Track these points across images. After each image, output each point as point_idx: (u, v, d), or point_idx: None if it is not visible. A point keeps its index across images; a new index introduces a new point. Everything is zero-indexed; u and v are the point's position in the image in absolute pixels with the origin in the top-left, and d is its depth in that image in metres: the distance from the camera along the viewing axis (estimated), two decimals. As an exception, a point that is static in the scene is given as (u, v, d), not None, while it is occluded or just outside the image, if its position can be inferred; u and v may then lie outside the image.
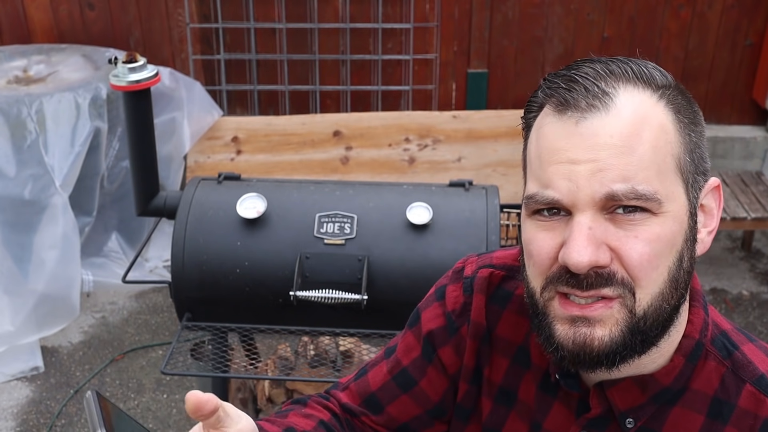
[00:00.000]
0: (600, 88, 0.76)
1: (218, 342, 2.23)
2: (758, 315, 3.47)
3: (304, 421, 1.01)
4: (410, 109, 4.15)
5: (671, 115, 0.78)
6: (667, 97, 0.79)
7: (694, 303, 0.85)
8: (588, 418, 0.87)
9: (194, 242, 2.16)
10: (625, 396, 0.84)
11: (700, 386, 0.83)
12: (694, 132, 0.81)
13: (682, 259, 0.79)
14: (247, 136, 3.87)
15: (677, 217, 0.77)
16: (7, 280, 3.19)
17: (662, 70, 0.81)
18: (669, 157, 0.77)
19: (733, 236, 4.06)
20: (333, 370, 2.39)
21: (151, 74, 2.13)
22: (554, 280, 0.78)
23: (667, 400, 0.83)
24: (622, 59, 0.81)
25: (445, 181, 2.38)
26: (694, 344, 0.83)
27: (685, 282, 0.80)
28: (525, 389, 0.95)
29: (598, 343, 0.77)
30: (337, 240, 2.13)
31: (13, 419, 2.93)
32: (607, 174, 0.74)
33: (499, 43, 4.11)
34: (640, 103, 0.77)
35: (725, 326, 0.87)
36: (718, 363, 0.83)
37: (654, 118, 0.77)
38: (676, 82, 0.82)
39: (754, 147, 4.20)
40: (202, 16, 4.03)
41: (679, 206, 0.78)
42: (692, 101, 0.82)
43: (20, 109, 3.25)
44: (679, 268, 0.78)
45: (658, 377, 0.83)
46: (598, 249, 0.75)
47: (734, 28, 4.06)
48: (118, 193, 3.67)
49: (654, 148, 0.76)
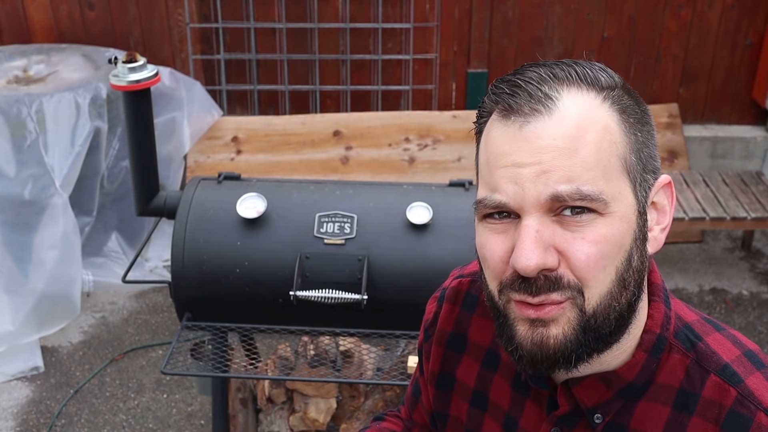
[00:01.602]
0: (543, 92, 0.77)
1: (218, 342, 2.23)
2: (758, 315, 3.47)
3: None
4: (410, 109, 4.15)
5: (616, 116, 0.79)
6: (612, 97, 0.80)
7: (654, 298, 0.86)
8: (557, 415, 0.89)
9: (194, 242, 2.16)
10: (590, 393, 0.85)
11: (665, 379, 0.84)
12: (641, 131, 0.81)
13: (632, 258, 0.80)
14: (247, 136, 3.87)
15: (624, 216, 0.78)
16: (8, 280, 3.19)
17: (609, 71, 0.82)
18: (614, 157, 0.78)
19: (733, 236, 4.06)
20: (333, 370, 2.39)
21: (151, 74, 2.13)
22: (507, 285, 0.80)
23: (633, 395, 0.85)
24: (567, 62, 0.81)
25: (445, 181, 2.38)
26: (656, 339, 0.84)
27: (636, 280, 0.81)
28: (497, 391, 0.98)
29: (554, 342, 0.79)
30: (337, 240, 2.13)
31: (13, 419, 2.93)
32: (552, 176, 0.75)
33: (499, 43, 4.11)
34: (583, 105, 0.78)
35: (689, 318, 0.87)
36: (682, 355, 0.84)
37: (598, 120, 0.78)
38: (623, 83, 0.83)
39: (754, 147, 4.20)
40: (202, 15, 4.03)
41: (626, 206, 0.78)
42: (639, 101, 0.84)
43: (20, 109, 3.25)
44: (629, 268, 0.80)
45: (620, 373, 0.84)
46: (546, 252, 0.76)
47: (734, 28, 4.06)
48: (118, 193, 3.67)
49: (598, 149, 0.77)
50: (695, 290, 3.62)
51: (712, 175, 3.81)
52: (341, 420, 2.48)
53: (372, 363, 2.46)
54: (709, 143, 4.18)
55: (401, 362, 2.32)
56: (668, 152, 4.00)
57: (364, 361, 2.41)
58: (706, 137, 4.17)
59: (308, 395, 2.44)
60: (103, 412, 2.95)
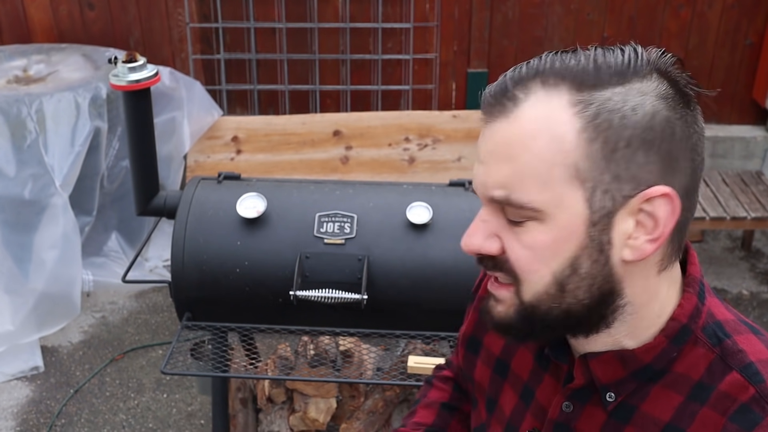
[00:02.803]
0: (512, 93, 0.79)
1: (218, 342, 2.23)
2: (758, 315, 3.47)
3: (425, 413, 1.20)
4: (410, 108, 4.15)
5: (580, 123, 0.76)
6: (586, 103, 0.76)
7: (688, 289, 0.86)
8: (571, 388, 0.90)
9: (194, 242, 2.15)
10: (606, 369, 0.86)
11: (684, 370, 0.84)
12: (621, 141, 0.77)
13: (577, 266, 0.80)
14: (247, 135, 3.87)
15: (567, 226, 0.78)
16: (8, 280, 3.19)
17: (638, 60, 0.79)
18: (559, 166, 0.76)
19: (733, 236, 4.06)
20: (333, 370, 2.39)
21: (151, 74, 2.13)
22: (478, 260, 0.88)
23: (649, 378, 0.85)
24: (589, 51, 0.79)
25: (445, 180, 2.38)
26: (680, 327, 0.84)
27: (586, 287, 0.81)
28: (519, 361, 1.00)
29: (495, 316, 0.87)
30: (337, 240, 2.13)
31: (13, 419, 2.93)
32: (489, 180, 0.80)
33: (499, 43, 4.11)
34: (542, 109, 0.77)
35: (723, 316, 0.87)
36: (707, 350, 0.83)
37: (551, 127, 0.76)
38: (664, 73, 0.81)
39: (754, 147, 4.20)
40: (202, 15, 4.03)
41: (570, 215, 0.78)
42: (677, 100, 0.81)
43: (20, 108, 3.25)
44: (572, 274, 0.80)
45: (638, 354, 0.85)
46: (487, 239, 0.83)
47: (734, 28, 4.06)
48: (118, 193, 3.67)
49: (539, 158, 0.77)
50: (695, 290, 3.62)
51: (712, 174, 3.81)
52: (341, 420, 2.48)
53: (372, 363, 2.46)
54: (709, 143, 4.18)
55: (401, 362, 2.32)
56: (668, 152, 4.00)
57: (364, 361, 2.41)
58: (706, 137, 4.15)
59: (308, 395, 2.44)
60: (103, 412, 2.95)
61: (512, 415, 1.00)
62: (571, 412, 0.90)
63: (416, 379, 2.18)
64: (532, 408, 0.97)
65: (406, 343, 2.60)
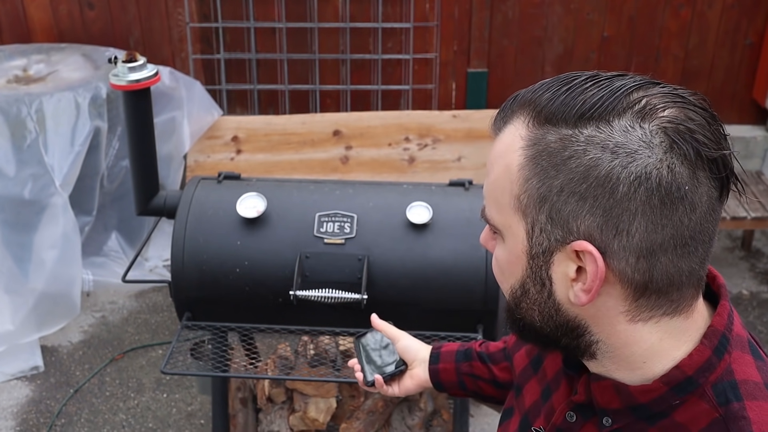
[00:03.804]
0: (505, 115, 0.83)
1: (218, 341, 2.23)
2: (758, 315, 3.47)
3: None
4: (410, 108, 4.15)
5: (522, 159, 0.78)
6: (542, 139, 0.76)
7: (704, 341, 0.83)
8: (574, 401, 0.91)
9: (194, 242, 2.15)
10: (604, 394, 0.86)
11: (684, 420, 0.82)
12: (565, 185, 0.75)
13: (527, 290, 0.84)
14: (246, 135, 3.87)
15: (513, 251, 0.83)
16: (8, 280, 3.19)
17: (604, 96, 0.74)
18: (507, 194, 0.81)
19: (733, 236, 4.06)
20: (333, 370, 2.39)
21: (150, 74, 2.13)
22: None
23: (646, 417, 0.84)
24: (592, 82, 0.76)
25: (445, 180, 2.38)
26: (684, 378, 0.82)
27: (543, 313, 0.84)
28: (551, 360, 1.03)
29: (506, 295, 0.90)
30: (337, 239, 2.13)
31: (13, 419, 2.93)
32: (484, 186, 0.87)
33: (499, 42, 4.11)
34: (509, 137, 0.81)
35: (744, 377, 0.82)
36: (711, 408, 0.81)
37: (507, 154, 0.81)
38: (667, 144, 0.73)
39: (754, 147, 4.20)
40: (202, 15, 4.03)
41: (515, 242, 0.82)
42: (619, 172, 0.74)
43: (20, 108, 3.25)
44: (524, 296, 0.84)
45: (633, 392, 0.83)
46: (486, 238, 0.90)
47: (734, 27, 4.06)
48: (118, 193, 3.67)
49: (496, 181, 0.82)
50: (695, 290, 3.62)
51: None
52: (341, 420, 2.48)
53: (372, 363, 2.46)
54: (709, 143, 4.17)
55: (401, 362, 2.32)
56: (668, 152, 4.00)
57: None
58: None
59: (308, 395, 2.44)
60: (103, 412, 2.95)
61: (530, 408, 1.02)
62: (573, 422, 0.91)
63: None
64: (546, 407, 0.98)
65: (406, 342, 2.60)
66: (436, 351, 1.32)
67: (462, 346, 1.33)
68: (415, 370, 1.32)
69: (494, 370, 1.29)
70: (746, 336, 0.86)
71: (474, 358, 1.31)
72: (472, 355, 1.31)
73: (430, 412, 2.54)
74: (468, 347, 1.33)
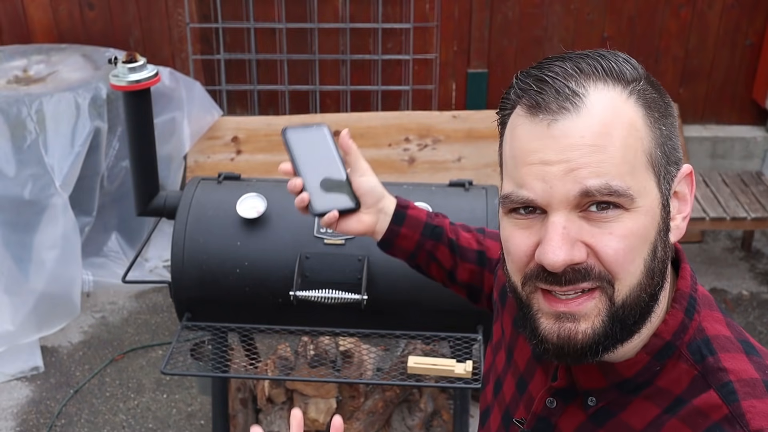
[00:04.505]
0: (570, 89, 0.78)
1: (218, 342, 2.23)
2: (758, 315, 3.47)
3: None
4: (410, 109, 4.15)
5: (641, 111, 0.80)
6: (638, 92, 0.80)
7: (675, 305, 0.85)
8: (554, 387, 0.91)
9: (194, 242, 2.15)
10: (587, 376, 0.87)
11: (666, 384, 0.83)
12: (665, 125, 0.82)
13: (656, 249, 0.81)
14: (247, 135, 3.87)
15: (650, 211, 0.79)
16: (8, 280, 3.19)
17: (633, 62, 0.82)
18: (640, 153, 0.79)
19: (733, 236, 4.06)
20: (333, 370, 2.39)
21: (151, 74, 2.13)
22: (533, 277, 0.81)
23: (631, 390, 0.85)
24: (592, 54, 0.81)
25: (445, 181, 2.38)
26: (663, 344, 0.84)
27: (661, 270, 0.82)
28: (520, 351, 1.01)
29: (582, 337, 0.80)
30: (336, 240, 2.13)
31: (13, 419, 2.93)
32: (581, 172, 0.76)
33: (499, 43, 4.11)
34: (610, 101, 0.78)
35: (715, 332, 0.85)
36: (690, 366, 0.83)
37: (624, 116, 0.78)
38: (646, 74, 0.82)
39: (754, 147, 4.20)
40: (202, 15, 4.03)
41: (651, 200, 0.80)
42: (663, 92, 0.84)
43: (20, 109, 3.25)
44: (654, 259, 0.81)
45: (619, 368, 0.85)
46: (573, 247, 0.78)
47: (734, 28, 4.06)
48: (118, 193, 3.67)
49: (625, 145, 0.77)
50: (695, 290, 3.62)
51: (712, 175, 3.81)
52: (341, 420, 2.48)
53: (372, 363, 2.46)
54: (709, 143, 4.18)
55: (401, 362, 2.32)
56: (668, 152, 4.00)
57: (364, 361, 2.41)
58: (706, 137, 4.17)
59: (308, 395, 2.44)
60: (103, 412, 2.95)
61: (510, 402, 1.02)
62: (554, 408, 0.91)
63: (416, 379, 2.17)
64: (525, 398, 0.98)
65: (406, 343, 2.60)
66: (402, 211, 1.23)
67: (430, 218, 1.26)
68: (367, 217, 1.20)
69: (459, 266, 1.26)
70: (710, 295, 0.90)
71: (443, 242, 1.26)
72: (441, 237, 1.26)
73: (430, 413, 2.54)
74: (438, 224, 1.26)
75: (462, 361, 2.02)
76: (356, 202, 1.15)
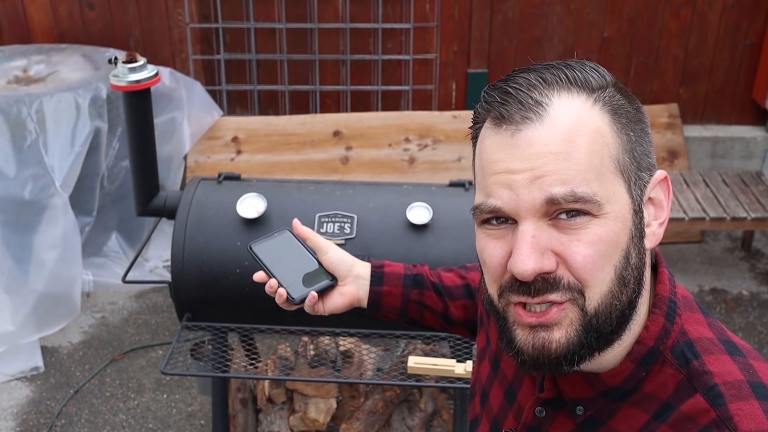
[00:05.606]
0: (534, 99, 0.79)
1: (218, 342, 2.23)
2: (758, 315, 3.47)
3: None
4: (410, 109, 4.15)
5: (608, 117, 0.80)
6: (604, 99, 0.81)
7: (655, 310, 0.85)
8: (542, 398, 0.91)
9: (194, 242, 2.15)
10: (573, 387, 0.87)
11: (652, 390, 0.83)
12: (634, 130, 0.82)
13: (629, 256, 0.81)
14: (247, 136, 3.87)
15: (619, 216, 0.79)
16: (8, 280, 3.19)
17: (601, 70, 0.83)
18: (607, 159, 0.79)
19: (733, 236, 4.06)
20: (333, 370, 2.39)
21: (151, 74, 2.13)
22: (507, 288, 0.82)
23: (617, 398, 0.85)
24: (557, 65, 0.82)
25: (445, 181, 2.38)
26: (647, 351, 0.84)
27: (636, 277, 0.82)
28: (507, 361, 1.02)
29: (556, 346, 0.80)
30: (337, 240, 2.13)
31: (13, 419, 2.93)
32: (546, 179, 0.77)
33: (499, 43, 4.11)
34: (574, 109, 0.79)
35: (699, 335, 0.85)
36: (675, 371, 0.83)
37: (589, 123, 0.79)
38: (614, 81, 0.83)
39: (754, 147, 4.20)
40: (202, 16, 4.03)
41: (621, 206, 0.80)
42: (632, 98, 0.84)
43: (20, 109, 3.25)
44: (627, 265, 0.81)
45: (604, 378, 0.85)
46: (543, 256, 0.78)
47: (734, 28, 4.06)
48: (118, 193, 3.67)
49: (590, 152, 0.78)
50: (695, 290, 3.62)
51: (712, 175, 3.81)
52: (341, 420, 2.48)
53: (372, 363, 2.46)
54: (709, 143, 4.18)
55: (401, 362, 2.32)
56: (668, 152, 4.00)
57: (364, 361, 2.41)
58: (706, 137, 4.17)
59: (308, 395, 2.44)
60: (103, 412, 2.95)
61: (498, 412, 1.02)
62: (543, 417, 0.91)
63: (416, 379, 2.17)
64: (514, 408, 0.98)
65: (406, 343, 2.60)
66: (379, 271, 1.23)
67: (408, 270, 1.25)
68: (347, 287, 1.21)
69: (450, 306, 1.25)
70: (690, 296, 0.90)
71: (427, 287, 1.25)
72: (424, 284, 1.25)
73: (430, 413, 2.54)
74: (417, 273, 1.26)
75: (462, 361, 2.02)
76: (331, 278, 1.19)
